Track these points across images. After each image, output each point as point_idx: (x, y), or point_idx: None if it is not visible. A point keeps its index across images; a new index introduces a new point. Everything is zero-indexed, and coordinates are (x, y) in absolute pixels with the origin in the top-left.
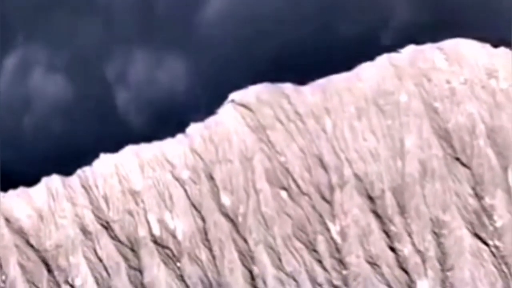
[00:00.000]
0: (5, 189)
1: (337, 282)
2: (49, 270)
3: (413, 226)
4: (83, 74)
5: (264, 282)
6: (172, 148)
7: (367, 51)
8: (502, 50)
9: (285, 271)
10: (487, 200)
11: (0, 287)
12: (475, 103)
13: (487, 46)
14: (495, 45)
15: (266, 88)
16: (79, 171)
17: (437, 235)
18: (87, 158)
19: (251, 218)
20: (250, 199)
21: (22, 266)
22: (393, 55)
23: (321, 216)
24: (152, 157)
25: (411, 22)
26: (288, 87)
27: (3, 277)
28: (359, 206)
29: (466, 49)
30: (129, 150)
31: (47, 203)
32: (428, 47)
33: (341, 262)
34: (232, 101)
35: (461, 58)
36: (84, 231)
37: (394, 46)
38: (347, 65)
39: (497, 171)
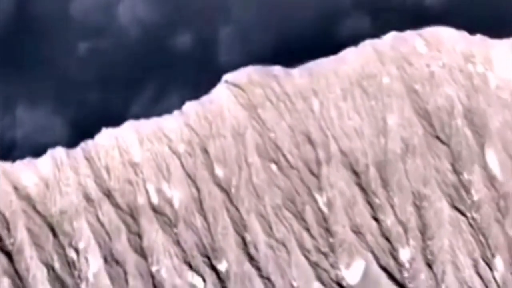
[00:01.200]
0: (13, 159)
1: (324, 249)
2: (54, 234)
3: (396, 199)
4: None
5: (256, 248)
6: (169, 123)
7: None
8: (479, 37)
9: (275, 238)
10: (465, 176)
11: (8, 250)
12: (453, 86)
13: (465, 34)
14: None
15: (257, 70)
16: (82, 144)
17: (418, 207)
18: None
19: (243, 189)
20: (242, 171)
21: (29, 230)
22: (376, 40)
23: (309, 188)
24: (151, 132)
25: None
26: (277, 69)
27: (12, 240)
28: (344, 180)
29: (445, 36)
30: (129, 125)
31: (52, 173)
32: (409, 34)
33: (328, 231)
34: (226, 81)
35: (440, 44)
36: (87, 198)
37: (377, 33)
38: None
39: (474, 149)
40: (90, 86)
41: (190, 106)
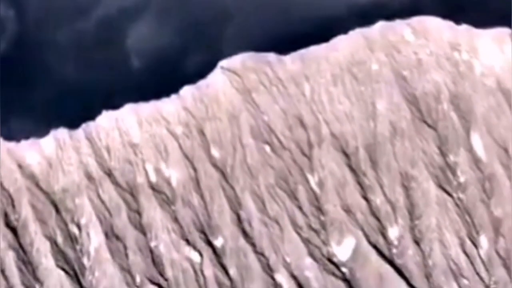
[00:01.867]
0: (18, 140)
1: (315, 226)
2: (57, 211)
3: (384, 179)
4: None
5: (250, 225)
6: (167, 106)
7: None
8: (464, 27)
9: (269, 215)
10: (451, 158)
11: (13, 225)
12: (440, 72)
13: (451, 23)
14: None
15: (251, 56)
16: (83, 125)
17: (406, 188)
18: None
19: (238, 169)
20: (237, 152)
21: (33, 207)
22: (365, 29)
23: (301, 169)
24: (149, 114)
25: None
26: (271, 56)
27: (16, 216)
28: (335, 161)
29: (432, 25)
30: (129, 108)
31: (55, 152)
32: (397, 23)
33: (319, 209)
34: (221, 67)
35: (428, 33)
36: (89, 177)
37: (367, 23)
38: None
39: (460, 133)
40: None
41: (187, 90)
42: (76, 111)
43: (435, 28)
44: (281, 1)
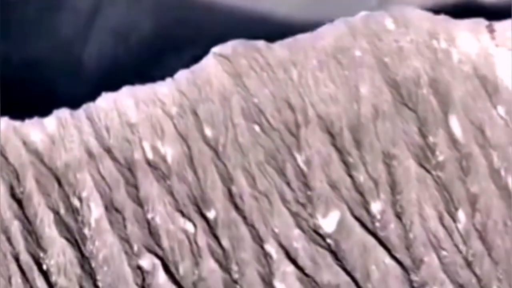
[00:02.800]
0: (22, 119)
1: (302, 201)
2: (60, 184)
3: (367, 158)
4: None
5: (241, 199)
6: (163, 89)
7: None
8: (443, 17)
9: (259, 190)
10: (431, 139)
11: (19, 197)
12: (420, 59)
13: (430, 14)
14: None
15: (242, 43)
16: (84, 106)
17: (388, 165)
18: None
19: (229, 147)
20: (229, 132)
21: (37, 181)
22: (349, 18)
23: (289, 148)
24: (146, 96)
25: None
26: (260, 43)
27: (21, 189)
28: (321, 141)
29: (412, 15)
30: (126, 90)
31: (57, 130)
32: (378, 13)
33: (306, 185)
34: (214, 53)
35: (408, 22)
36: (89, 153)
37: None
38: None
39: (438, 115)
40: None
41: (181, 74)
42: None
43: (414, 18)
44: None
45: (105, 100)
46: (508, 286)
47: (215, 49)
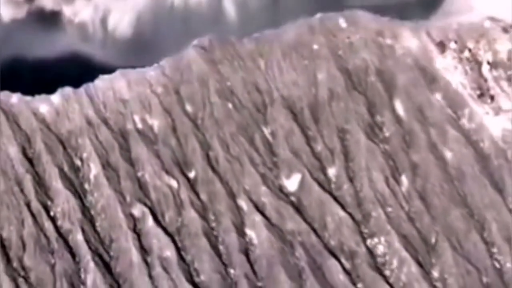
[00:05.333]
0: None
1: (269, 165)
2: (64, 148)
3: (324, 132)
4: None
5: (217, 162)
6: (150, 72)
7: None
8: (388, 18)
9: (232, 155)
10: (378, 118)
11: (30, 157)
12: (368, 52)
13: (377, 16)
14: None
15: (217, 37)
16: (84, 86)
17: (341, 139)
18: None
19: (207, 120)
20: (206, 108)
21: (45, 143)
22: (308, 18)
23: (257, 122)
24: (136, 78)
25: None
26: (232, 38)
27: (32, 150)
28: (284, 117)
29: (362, 16)
30: (120, 73)
31: (61, 104)
32: (333, 14)
33: (272, 152)
34: (193, 45)
35: (358, 22)
36: (89, 123)
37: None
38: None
39: (384, 99)
40: None
41: (166, 61)
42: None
43: (364, 18)
44: None
45: (102, 81)
46: (445, 237)
47: (195, 42)
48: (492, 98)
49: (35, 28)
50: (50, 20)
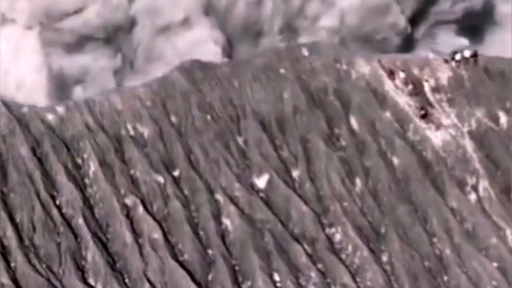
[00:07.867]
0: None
1: (242, 166)
2: (68, 149)
3: (290, 141)
4: None
5: (198, 163)
6: (140, 89)
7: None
8: (344, 48)
9: (210, 159)
10: (336, 130)
11: (38, 157)
12: (327, 75)
13: (337, 45)
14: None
15: (197, 61)
16: (83, 98)
17: (304, 147)
18: None
19: (189, 130)
20: (188, 119)
21: (52, 146)
22: (277, 46)
23: (232, 132)
24: (129, 93)
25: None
26: (211, 61)
27: (40, 151)
28: (255, 128)
29: (322, 46)
30: (115, 89)
31: (65, 113)
32: (298, 44)
33: (245, 156)
34: (176, 67)
35: (318, 51)
36: (88, 129)
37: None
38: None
39: (341, 114)
40: None
41: (154, 80)
42: None
43: (324, 47)
44: None
45: (100, 95)
46: (393, 229)
47: (178, 65)
48: (433, 116)
49: None
50: None
